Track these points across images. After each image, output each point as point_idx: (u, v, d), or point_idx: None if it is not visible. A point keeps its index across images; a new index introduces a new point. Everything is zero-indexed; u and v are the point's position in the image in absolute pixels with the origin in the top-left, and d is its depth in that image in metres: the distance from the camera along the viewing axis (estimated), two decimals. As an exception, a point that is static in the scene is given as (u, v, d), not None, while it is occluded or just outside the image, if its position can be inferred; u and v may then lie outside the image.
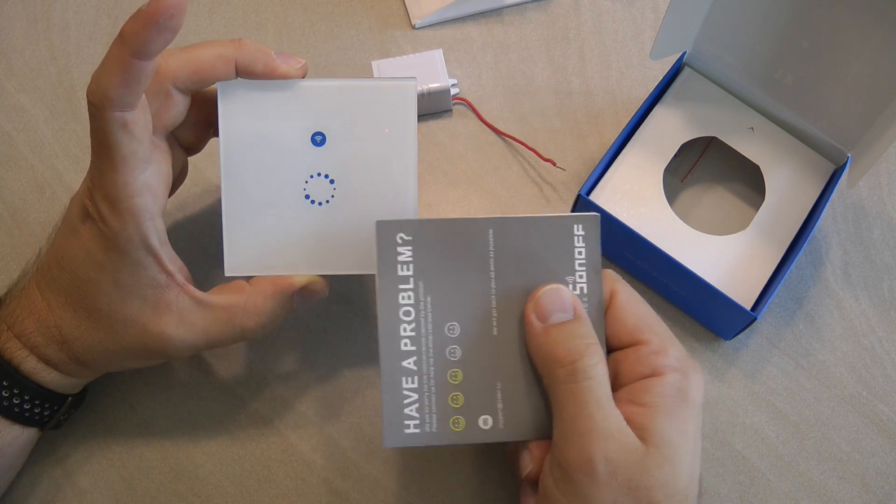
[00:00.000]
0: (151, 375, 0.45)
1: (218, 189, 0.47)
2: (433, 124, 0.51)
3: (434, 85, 0.50)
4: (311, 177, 0.38)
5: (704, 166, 0.50)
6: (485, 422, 0.35)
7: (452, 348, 0.35)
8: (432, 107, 0.51)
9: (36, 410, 0.39)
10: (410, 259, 0.35)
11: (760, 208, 0.46)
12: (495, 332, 0.35)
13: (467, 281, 0.35)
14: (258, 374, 0.45)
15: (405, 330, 0.34)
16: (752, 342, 0.46)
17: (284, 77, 0.37)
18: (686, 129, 0.47)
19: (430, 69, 0.50)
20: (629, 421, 0.32)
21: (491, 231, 0.35)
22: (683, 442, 0.32)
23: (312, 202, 0.38)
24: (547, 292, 0.34)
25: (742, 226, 0.45)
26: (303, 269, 0.39)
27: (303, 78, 0.37)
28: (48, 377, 0.39)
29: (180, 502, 0.43)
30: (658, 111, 0.48)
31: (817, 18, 0.42)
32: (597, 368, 0.33)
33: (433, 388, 0.34)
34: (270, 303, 0.38)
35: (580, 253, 0.36)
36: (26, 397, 0.38)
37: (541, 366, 0.34)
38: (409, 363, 0.34)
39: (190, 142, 0.41)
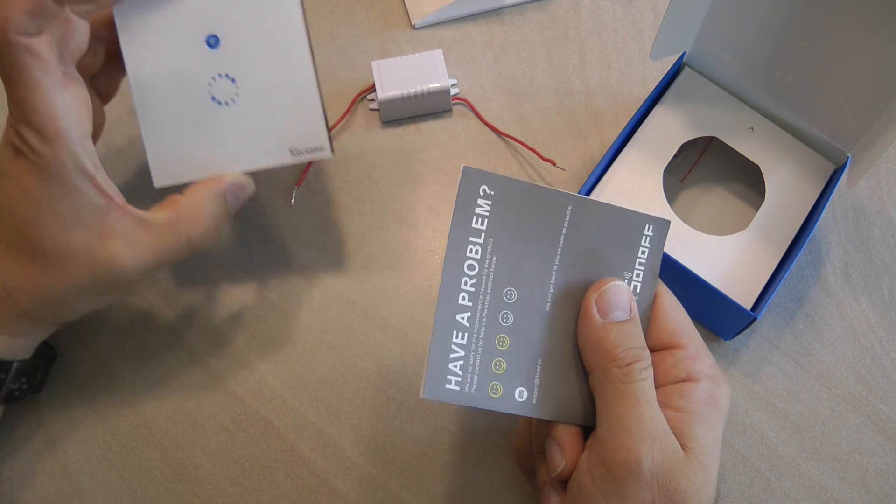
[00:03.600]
0: (152, 376, 0.45)
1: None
2: (433, 124, 0.51)
3: (434, 85, 0.50)
4: (214, 79, 0.40)
5: (704, 166, 0.50)
6: (520, 394, 0.34)
7: (506, 314, 0.35)
8: (432, 107, 0.51)
9: None
10: (487, 213, 0.34)
11: (760, 208, 0.46)
12: (548, 308, 0.35)
13: (535, 250, 0.35)
14: (258, 374, 0.45)
15: (466, 283, 0.34)
16: (752, 342, 0.46)
17: None
18: (686, 129, 0.47)
19: (430, 69, 0.50)
20: None
21: (570, 208, 0.35)
22: (715, 449, 0.33)
23: (219, 103, 0.40)
24: (612, 288, 0.34)
25: (742, 226, 0.45)
26: (225, 168, 0.41)
27: None
28: None
29: (180, 502, 0.43)
30: (658, 111, 0.48)
31: (817, 18, 0.42)
32: (649, 372, 0.33)
33: (480, 349, 0.34)
34: (209, 205, 0.39)
35: (643, 253, 0.36)
36: None
37: (593, 359, 0.34)
38: (462, 318, 0.34)
39: (92, 69, 0.40)
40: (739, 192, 0.49)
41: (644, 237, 0.36)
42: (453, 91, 0.51)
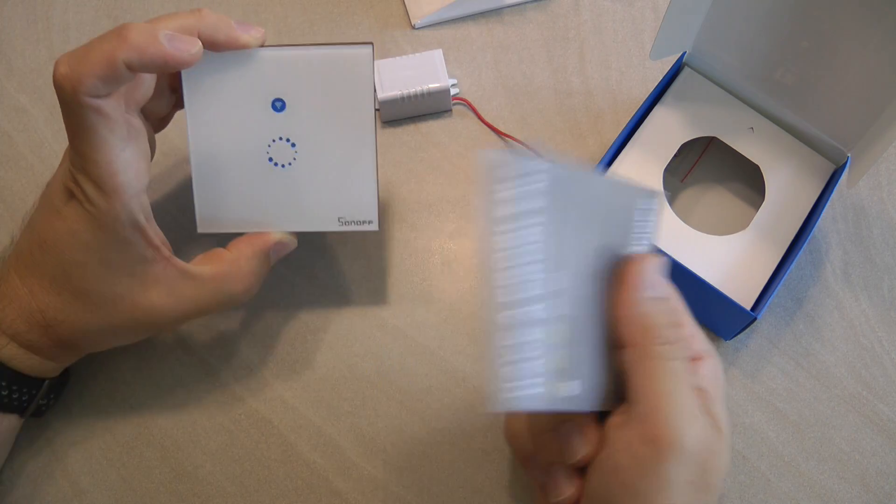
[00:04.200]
0: (152, 376, 0.45)
1: (186, 161, 0.47)
2: (433, 124, 0.51)
3: (434, 85, 0.50)
4: (274, 141, 0.40)
5: (704, 166, 0.50)
6: (576, 387, 0.32)
7: (557, 303, 0.31)
8: (432, 107, 0.51)
9: (14, 396, 0.39)
10: (535, 198, 0.30)
11: (760, 208, 0.46)
12: (584, 292, 0.33)
13: (570, 234, 0.32)
14: (258, 374, 0.45)
15: (529, 273, 0.30)
16: (752, 342, 0.46)
17: (245, 47, 0.38)
18: (686, 129, 0.47)
19: (430, 69, 0.50)
20: None
21: (590, 183, 0.33)
22: (729, 426, 0.33)
23: (276, 164, 0.40)
24: (658, 262, 0.33)
25: (742, 226, 0.45)
26: (270, 226, 0.41)
27: (261, 46, 0.39)
28: (29, 363, 0.39)
29: (180, 502, 0.43)
30: (658, 111, 0.48)
31: (817, 18, 0.42)
32: (686, 351, 0.33)
33: (539, 346, 0.31)
34: (254, 263, 0.40)
35: (645, 227, 0.35)
36: (3, 383, 0.38)
37: (633, 334, 0.33)
38: (525, 313, 0.30)
39: (159, 114, 0.41)
40: (739, 192, 0.49)
41: (646, 211, 0.35)
42: (453, 91, 0.51)
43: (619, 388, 0.33)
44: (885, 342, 0.46)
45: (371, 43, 0.39)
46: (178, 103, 0.41)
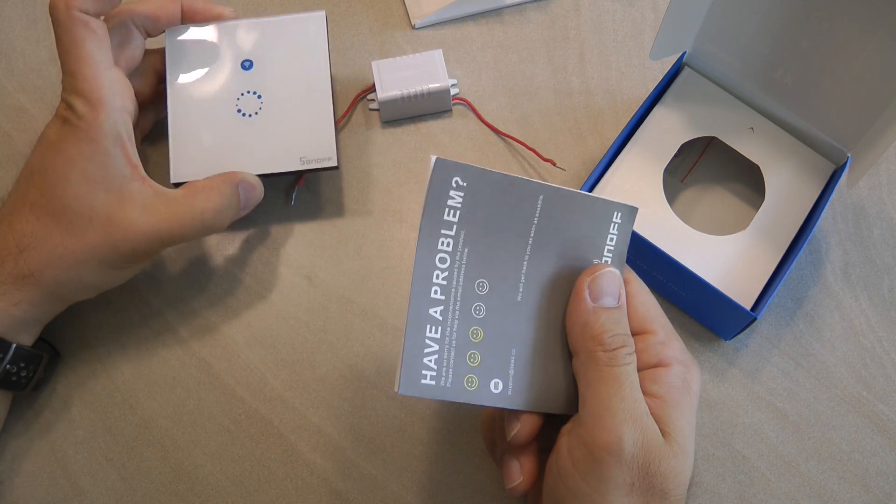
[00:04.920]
0: (151, 375, 0.45)
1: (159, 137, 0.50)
2: (433, 124, 0.51)
3: (434, 85, 0.50)
4: (242, 94, 0.46)
5: (704, 166, 0.50)
6: (495, 385, 0.35)
7: (478, 305, 0.35)
8: (432, 107, 0.51)
9: None
10: (459, 205, 0.34)
11: (760, 208, 0.46)
12: (519, 297, 0.35)
13: (506, 241, 0.35)
14: (258, 374, 0.45)
15: (438, 277, 0.34)
16: (752, 342, 0.46)
17: (219, 18, 0.46)
18: (686, 129, 0.47)
19: (430, 69, 0.50)
20: None
21: (541, 197, 0.35)
22: (691, 433, 0.34)
23: (244, 115, 0.45)
24: (606, 274, 0.35)
25: (742, 226, 0.45)
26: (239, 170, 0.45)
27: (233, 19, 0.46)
28: None
29: (180, 502, 0.43)
30: (658, 111, 0.48)
31: (817, 18, 0.42)
32: (633, 357, 0.34)
33: (454, 342, 0.34)
34: (224, 188, 0.42)
35: (612, 240, 0.36)
36: None
37: (580, 341, 0.34)
38: (435, 312, 0.34)
39: (141, 92, 0.45)
40: (739, 192, 0.49)
41: (612, 224, 0.36)
42: (453, 91, 0.51)
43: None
44: (885, 342, 0.46)
45: (323, 10, 0.47)
46: (159, 109, 0.46)
